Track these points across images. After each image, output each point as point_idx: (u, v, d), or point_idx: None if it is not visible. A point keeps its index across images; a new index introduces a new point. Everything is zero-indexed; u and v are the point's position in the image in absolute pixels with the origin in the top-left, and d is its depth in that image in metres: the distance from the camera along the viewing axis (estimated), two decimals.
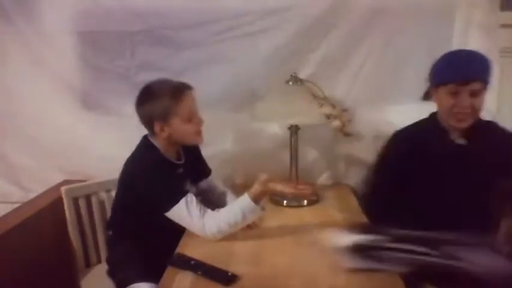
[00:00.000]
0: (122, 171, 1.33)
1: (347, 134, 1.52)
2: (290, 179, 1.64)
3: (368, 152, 1.73)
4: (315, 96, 1.52)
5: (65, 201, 1.52)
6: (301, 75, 1.60)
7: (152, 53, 1.68)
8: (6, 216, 1.48)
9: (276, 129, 1.76)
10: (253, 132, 1.75)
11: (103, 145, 1.74)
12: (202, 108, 1.40)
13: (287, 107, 1.52)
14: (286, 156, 1.64)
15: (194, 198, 1.27)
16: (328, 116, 1.47)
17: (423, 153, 1.29)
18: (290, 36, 1.63)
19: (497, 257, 1.07)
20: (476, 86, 1.19)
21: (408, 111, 1.50)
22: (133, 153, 1.33)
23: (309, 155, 1.79)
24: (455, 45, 1.59)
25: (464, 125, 1.24)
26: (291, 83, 1.56)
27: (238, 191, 1.64)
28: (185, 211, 1.24)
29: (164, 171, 1.30)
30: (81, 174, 1.77)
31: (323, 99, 1.52)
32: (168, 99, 1.24)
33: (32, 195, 1.69)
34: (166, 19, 1.63)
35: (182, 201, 1.24)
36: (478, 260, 1.03)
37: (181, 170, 1.41)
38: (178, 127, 1.28)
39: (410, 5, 1.60)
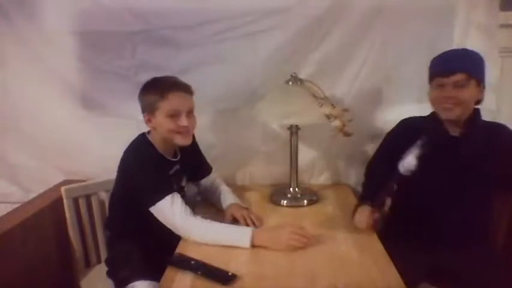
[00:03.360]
0: (118, 166, 1.35)
1: (347, 134, 1.51)
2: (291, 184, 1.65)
3: (368, 152, 1.73)
4: (315, 96, 1.52)
5: (65, 201, 1.52)
6: (301, 75, 1.59)
7: (152, 53, 1.67)
8: (6, 216, 1.48)
9: (276, 129, 1.76)
10: (253, 132, 1.75)
11: (102, 145, 1.74)
12: (202, 109, 1.40)
13: (287, 107, 1.51)
14: (286, 156, 1.64)
15: (180, 198, 1.29)
16: (328, 116, 1.47)
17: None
18: (290, 36, 1.63)
19: None
20: (458, 77, 1.23)
21: (408, 111, 1.51)
22: (128, 148, 1.35)
23: (309, 155, 1.79)
24: (455, 45, 1.60)
25: (451, 115, 1.28)
26: (291, 83, 1.56)
27: (239, 191, 1.65)
28: (169, 209, 1.25)
29: (156, 166, 1.31)
30: (81, 174, 1.76)
31: (323, 99, 1.51)
32: (156, 94, 1.29)
33: (32, 195, 1.69)
34: (166, 19, 1.63)
35: (168, 198, 1.25)
36: None
37: (177, 168, 1.42)
38: (160, 121, 1.30)
39: (410, 5, 1.60)
